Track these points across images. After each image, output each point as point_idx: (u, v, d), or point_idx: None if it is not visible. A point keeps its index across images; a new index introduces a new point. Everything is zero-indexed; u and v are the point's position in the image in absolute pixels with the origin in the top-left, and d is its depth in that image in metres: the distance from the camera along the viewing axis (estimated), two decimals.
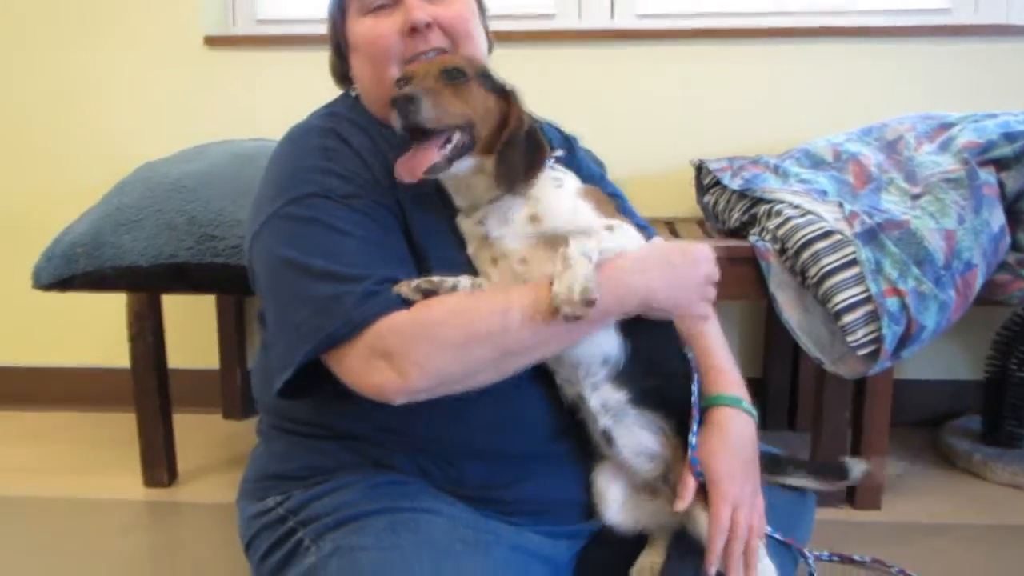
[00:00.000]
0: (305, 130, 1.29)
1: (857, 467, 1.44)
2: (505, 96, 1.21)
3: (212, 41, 2.57)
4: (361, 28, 1.30)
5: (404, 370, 1.09)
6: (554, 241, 1.16)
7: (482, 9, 1.39)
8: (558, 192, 1.21)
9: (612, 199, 1.48)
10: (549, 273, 1.12)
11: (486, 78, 1.20)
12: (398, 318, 1.10)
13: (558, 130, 1.53)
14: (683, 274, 1.23)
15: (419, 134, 1.13)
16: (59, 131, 2.63)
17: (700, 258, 1.26)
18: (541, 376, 1.26)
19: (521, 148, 1.17)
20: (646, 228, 1.50)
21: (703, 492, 1.22)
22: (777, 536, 1.32)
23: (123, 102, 2.60)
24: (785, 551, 1.34)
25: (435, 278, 1.14)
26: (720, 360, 1.37)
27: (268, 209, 1.21)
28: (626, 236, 1.20)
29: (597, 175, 1.54)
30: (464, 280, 1.17)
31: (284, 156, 1.27)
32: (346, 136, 1.25)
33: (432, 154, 1.13)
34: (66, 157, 2.63)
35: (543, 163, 1.20)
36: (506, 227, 1.20)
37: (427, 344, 1.10)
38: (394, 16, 1.27)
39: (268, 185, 1.26)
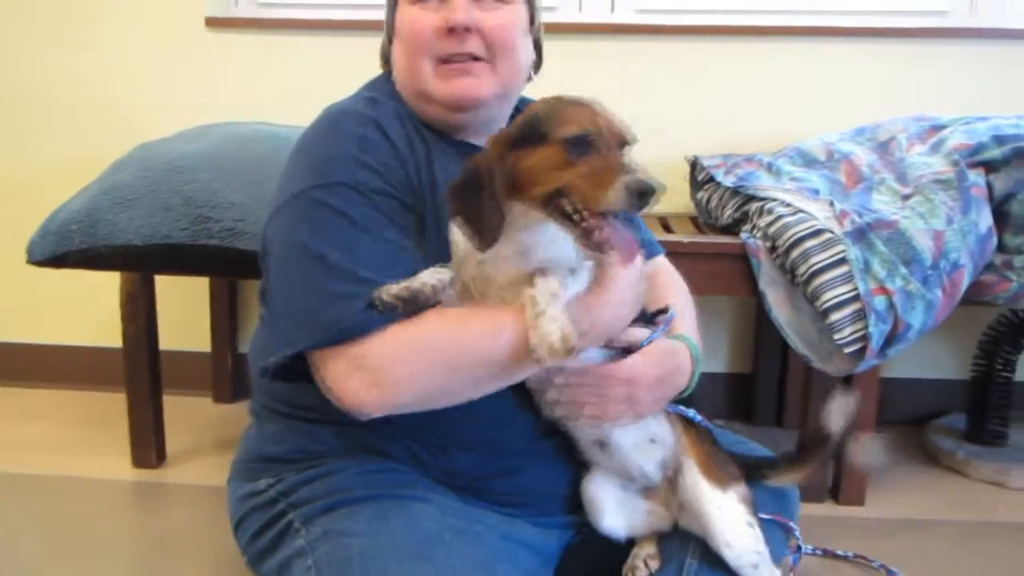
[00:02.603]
0: (345, 114, 1.26)
1: (836, 412, 1.39)
2: None
3: (214, 23, 2.56)
4: (406, 16, 1.29)
5: (385, 387, 1.10)
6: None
7: (533, 22, 1.36)
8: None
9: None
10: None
11: None
12: (389, 336, 1.10)
13: None
14: (639, 295, 1.24)
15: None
16: (59, 110, 2.62)
17: (640, 273, 1.25)
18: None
19: None
20: (652, 244, 1.52)
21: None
22: (775, 517, 1.35)
23: (123, 82, 2.59)
24: (776, 529, 1.37)
25: (414, 284, 1.11)
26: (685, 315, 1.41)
27: (294, 187, 1.20)
28: (582, 281, 1.17)
29: None
30: (435, 278, 1.13)
31: (319, 137, 1.25)
32: (386, 127, 1.23)
33: (630, 235, 1.06)
34: (65, 135, 2.62)
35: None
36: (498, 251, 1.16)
37: (412, 365, 1.10)
38: (440, 12, 1.26)
39: (298, 163, 1.24)
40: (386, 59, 1.39)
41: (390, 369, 1.10)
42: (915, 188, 1.93)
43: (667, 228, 2.30)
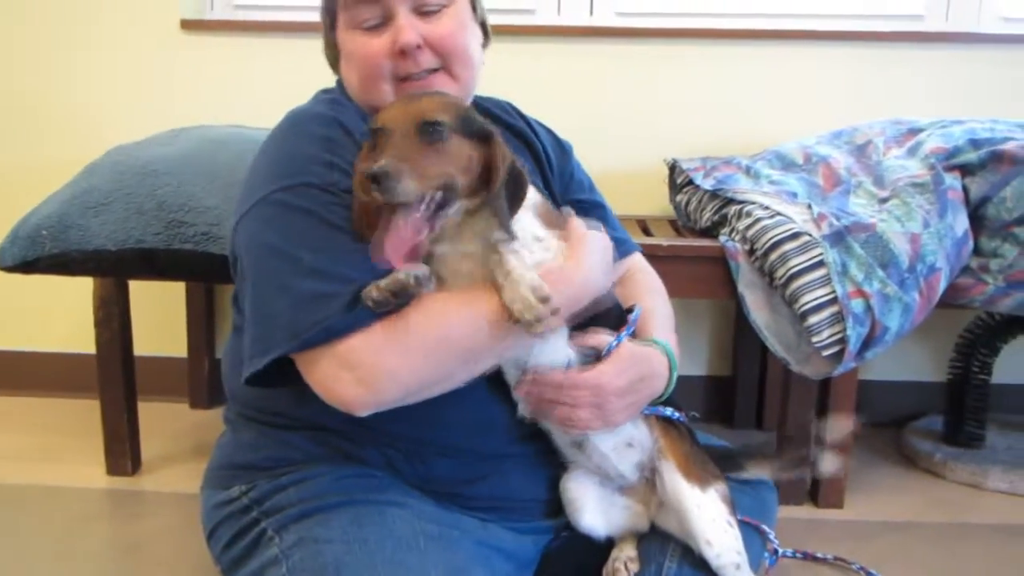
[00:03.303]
0: (308, 116, 1.26)
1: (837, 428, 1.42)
2: (486, 139, 1.15)
3: (188, 25, 2.54)
4: (352, 44, 1.28)
5: (373, 382, 1.09)
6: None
7: (475, 7, 1.35)
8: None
9: (596, 209, 1.50)
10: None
11: (467, 124, 1.13)
12: (373, 332, 1.09)
13: (552, 135, 1.53)
14: (608, 260, 1.26)
15: (394, 206, 1.06)
16: (30, 113, 2.58)
17: (607, 241, 1.28)
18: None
19: (506, 191, 1.12)
20: (627, 242, 1.52)
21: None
22: (745, 520, 1.36)
23: (97, 85, 2.56)
24: (754, 533, 1.39)
25: (400, 275, 1.10)
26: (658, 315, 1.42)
27: (260, 192, 1.19)
28: (551, 251, 1.19)
29: (587, 184, 1.55)
30: (416, 271, 1.12)
31: (283, 140, 1.24)
32: (349, 127, 1.23)
33: (414, 232, 1.06)
34: (37, 139, 2.59)
35: (524, 196, 1.16)
36: (457, 246, 1.18)
37: (399, 355, 1.09)
38: (385, 35, 1.24)
39: (263, 167, 1.23)
40: (335, 64, 1.37)
41: (378, 365, 1.08)
42: (892, 191, 1.93)
43: (646, 231, 2.30)
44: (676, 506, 1.26)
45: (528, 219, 1.20)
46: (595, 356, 1.23)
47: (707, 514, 1.24)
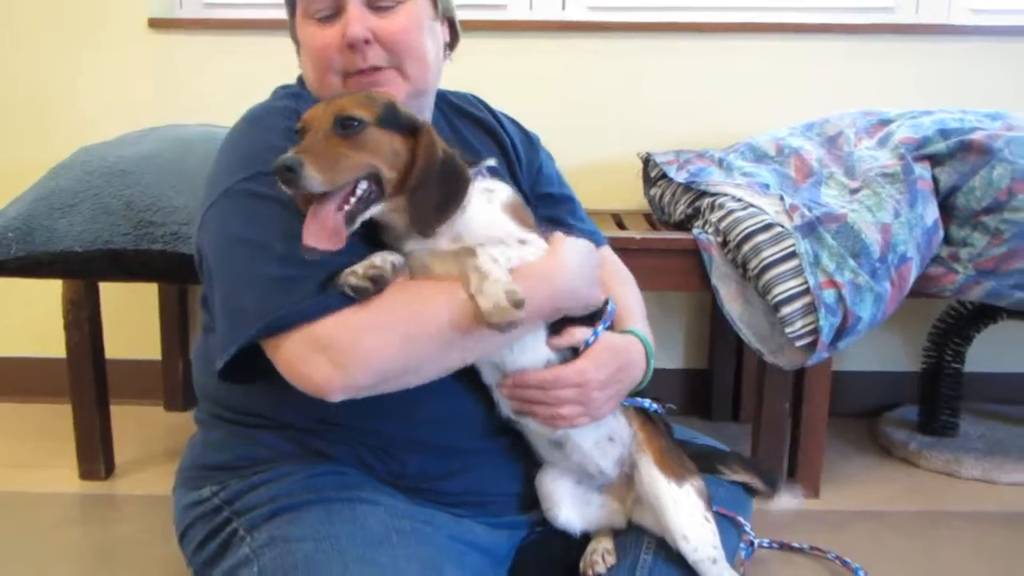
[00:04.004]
0: (267, 110, 1.26)
1: (788, 496, 1.46)
2: (414, 132, 1.13)
3: (156, 24, 2.51)
4: (305, 33, 1.27)
5: (347, 365, 1.07)
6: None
7: (437, 5, 1.32)
8: (483, 208, 1.18)
9: (565, 202, 1.49)
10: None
11: (389, 118, 1.12)
12: (347, 314, 1.08)
13: (520, 128, 1.52)
14: (590, 267, 1.26)
15: (317, 195, 1.06)
16: None
17: (590, 249, 1.29)
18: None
19: (434, 185, 1.11)
20: (595, 234, 1.52)
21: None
22: (720, 511, 1.36)
23: (63, 85, 2.53)
24: (729, 525, 1.39)
25: (377, 261, 1.11)
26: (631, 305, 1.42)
27: (223, 185, 1.17)
28: (534, 250, 1.19)
29: (556, 177, 1.54)
30: (392, 257, 1.13)
31: (243, 134, 1.23)
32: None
33: (330, 217, 1.05)
34: (2, 140, 2.55)
35: (462, 196, 1.14)
36: (428, 244, 1.17)
37: (374, 339, 1.08)
38: (336, 26, 1.23)
39: (224, 163, 1.22)
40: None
41: (351, 349, 1.07)
42: (863, 182, 1.95)
43: (621, 225, 2.30)
44: (653, 501, 1.26)
45: (504, 220, 1.19)
46: (573, 353, 1.23)
47: (684, 509, 1.24)
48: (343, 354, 1.07)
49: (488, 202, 1.19)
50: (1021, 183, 1.83)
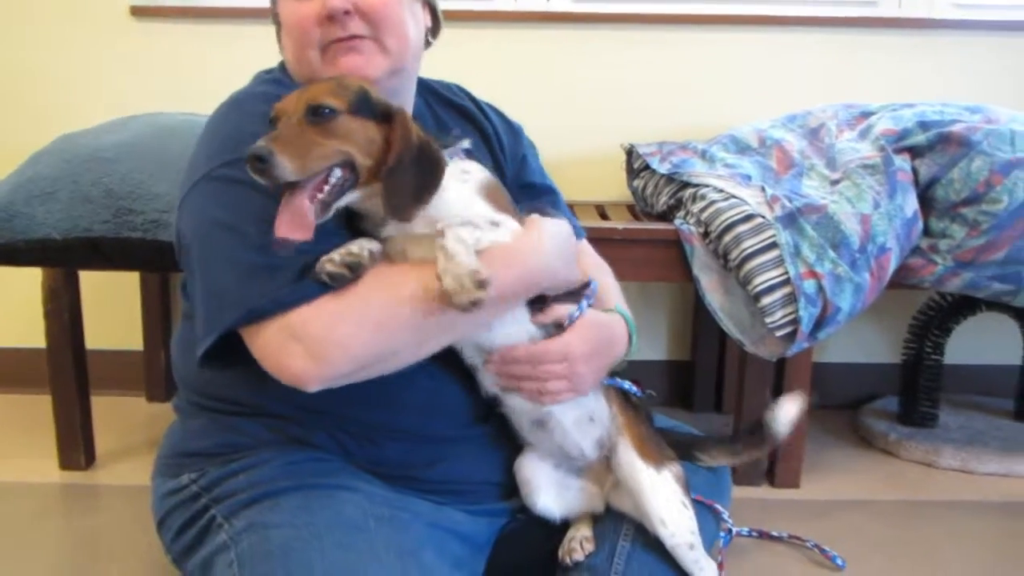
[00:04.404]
0: (248, 96, 1.25)
1: (782, 414, 1.38)
2: (389, 119, 1.13)
3: (139, 11, 2.49)
4: (286, 8, 1.26)
5: (324, 353, 1.07)
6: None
7: None
8: (457, 189, 1.18)
9: (547, 194, 1.49)
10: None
11: (362, 105, 1.12)
12: (324, 303, 1.08)
13: (503, 117, 1.52)
14: (567, 248, 1.26)
15: (290, 184, 1.06)
16: None
17: (568, 230, 1.29)
18: (464, 362, 1.27)
19: (410, 171, 1.11)
20: (576, 228, 1.52)
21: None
22: (698, 499, 1.37)
23: (44, 72, 2.51)
24: (708, 513, 1.40)
25: (354, 248, 1.11)
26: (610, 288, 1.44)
27: (203, 169, 1.17)
28: (505, 232, 1.18)
29: (539, 168, 1.54)
30: (370, 245, 1.13)
31: (224, 119, 1.23)
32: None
33: (303, 207, 1.05)
34: None
35: (438, 181, 1.14)
36: (405, 229, 1.17)
37: (351, 326, 1.08)
38: (315, 1, 1.22)
39: (205, 147, 1.21)
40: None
41: (327, 337, 1.07)
42: (843, 173, 1.96)
43: (604, 216, 2.31)
44: (631, 485, 1.27)
45: (478, 202, 1.19)
46: (558, 329, 1.24)
47: (661, 494, 1.25)
48: (319, 343, 1.06)
49: (463, 183, 1.19)
50: (999, 175, 1.84)
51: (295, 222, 1.04)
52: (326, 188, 1.08)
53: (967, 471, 2.15)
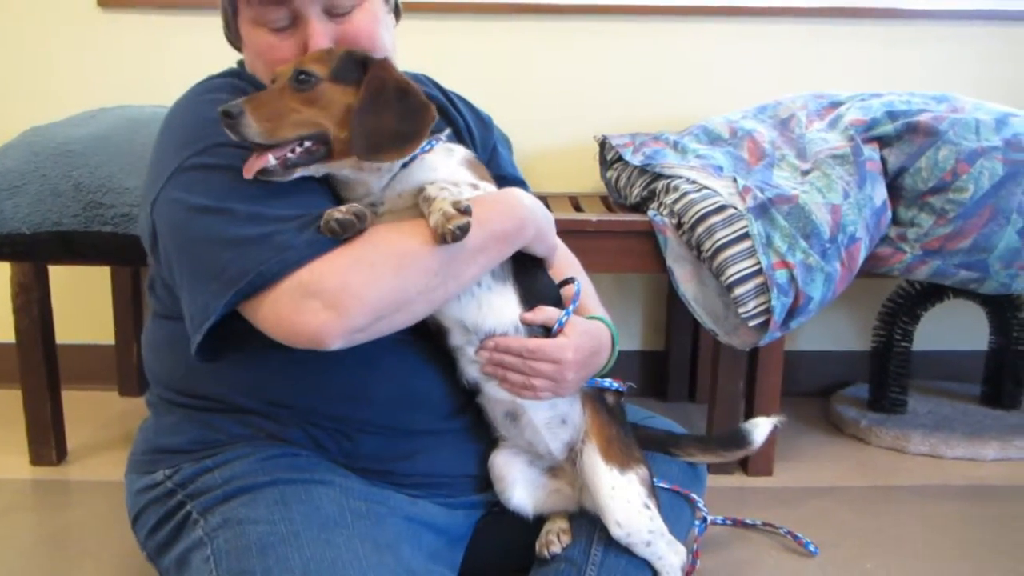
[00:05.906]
0: (207, 87, 1.24)
1: (759, 430, 1.49)
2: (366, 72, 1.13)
3: (106, 2, 2.45)
4: (258, 40, 1.22)
5: (342, 305, 1.05)
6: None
7: (388, 2, 1.31)
8: (444, 161, 1.21)
9: (518, 185, 1.49)
10: None
11: (345, 69, 1.12)
12: (332, 255, 1.07)
13: (472, 108, 1.52)
14: (547, 214, 1.28)
15: (261, 146, 1.07)
16: None
17: (542, 206, 1.30)
18: (439, 355, 1.27)
19: (390, 112, 1.11)
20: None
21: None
22: (674, 488, 1.41)
23: (10, 64, 2.47)
24: (683, 502, 1.43)
25: (355, 206, 1.11)
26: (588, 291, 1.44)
27: (173, 163, 1.15)
28: (484, 193, 1.22)
29: (509, 161, 1.54)
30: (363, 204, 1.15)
31: (185, 111, 1.21)
32: (256, 87, 1.21)
33: (264, 159, 1.07)
34: None
35: (424, 128, 1.14)
36: (396, 204, 1.18)
37: (365, 274, 1.06)
38: (294, 37, 1.20)
39: (168, 142, 1.20)
40: (236, 45, 1.33)
41: (343, 288, 1.05)
42: (814, 163, 1.97)
43: (578, 207, 2.31)
44: (591, 486, 1.28)
45: (461, 170, 1.22)
46: (543, 331, 1.25)
47: (621, 495, 1.26)
48: (336, 294, 1.05)
49: (448, 158, 1.22)
50: (965, 164, 1.87)
51: (258, 163, 1.07)
52: (298, 150, 1.09)
53: (936, 456, 2.18)
